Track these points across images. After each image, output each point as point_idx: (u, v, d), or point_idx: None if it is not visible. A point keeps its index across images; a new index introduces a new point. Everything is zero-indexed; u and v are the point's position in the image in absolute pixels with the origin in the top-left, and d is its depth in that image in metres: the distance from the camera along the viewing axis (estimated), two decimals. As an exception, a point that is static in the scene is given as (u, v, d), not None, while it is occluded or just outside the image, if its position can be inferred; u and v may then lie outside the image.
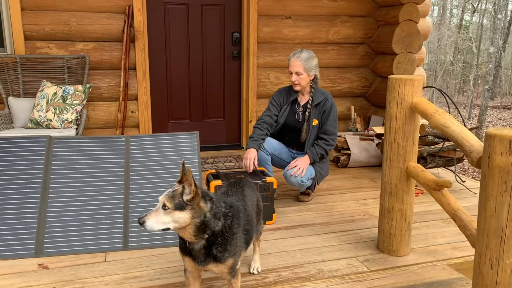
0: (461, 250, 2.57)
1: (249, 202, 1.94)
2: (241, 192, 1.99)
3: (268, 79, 4.81)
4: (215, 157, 4.51)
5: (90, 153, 2.81)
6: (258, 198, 2.15)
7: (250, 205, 1.95)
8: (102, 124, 4.40)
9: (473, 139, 1.90)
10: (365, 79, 5.11)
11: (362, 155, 4.22)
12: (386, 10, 4.76)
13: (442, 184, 2.13)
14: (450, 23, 20.19)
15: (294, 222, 2.96)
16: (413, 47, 4.61)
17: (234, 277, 1.83)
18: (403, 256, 2.49)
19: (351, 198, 3.44)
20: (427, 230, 2.86)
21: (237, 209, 1.79)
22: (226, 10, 4.66)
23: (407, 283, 2.21)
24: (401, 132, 2.35)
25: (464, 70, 18.72)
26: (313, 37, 4.84)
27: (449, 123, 2.03)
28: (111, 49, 4.29)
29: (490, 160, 1.70)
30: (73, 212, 2.61)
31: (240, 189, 2.02)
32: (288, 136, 3.29)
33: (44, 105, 3.65)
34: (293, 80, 3.08)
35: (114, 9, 4.21)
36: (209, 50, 4.70)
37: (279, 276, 2.26)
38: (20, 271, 2.29)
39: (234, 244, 1.74)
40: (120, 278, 2.24)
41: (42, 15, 4.06)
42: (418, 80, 2.30)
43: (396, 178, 2.41)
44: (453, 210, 2.08)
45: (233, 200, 1.83)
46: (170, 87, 4.68)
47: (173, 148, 2.90)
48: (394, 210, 2.45)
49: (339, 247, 2.61)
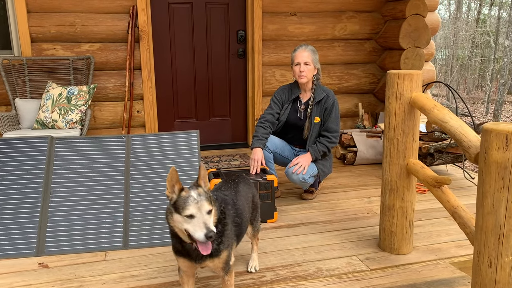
0: (465, 248, 2.51)
1: (242, 198, 1.93)
2: (234, 187, 1.99)
3: (274, 77, 4.78)
4: (221, 156, 4.51)
5: (91, 152, 2.83)
6: (254, 195, 2.13)
7: (243, 201, 1.94)
8: (109, 124, 4.43)
9: (471, 134, 1.84)
10: (372, 75, 5.04)
11: (369, 152, 4.16)
12: (393, 5, 4.68)
13: (441, 181, 2.08)
14: (468, 17, 19.82)
15: (296, 220, 2.93)
16: (421, 41, 4.53)
17: (228, 274, 1.83)
18: (405, 255, 2.45)
19: (356, 196, 3.39)
20: (432, 228, 2.80)
21: (225, 201, 1.79)
22: (231, 8, 4.64)
23: (407, 282, 2.17)
24: (400, 128, 2.30)
25: (482, 64, 18.35)
26: (319, 34, 4.79)
27: (447, 118, 1.97)
28: (116, 50, 4.31)
29: (487, 155, 1.64)
30: (74, 211, 2.63)
31: (235, 185, 2.02)
32: (291, 134, 3.26)
33: (49, 106, 3.69)
34: (301, 70, 3.04)
35: (118, 9, 4.24)
36: (214, 49, 4.70)
37: (276, 275, 2.24)
38: (20, 270, 2.32)
39: (226, 235, 1.75)
40: (118, 277, 2.25)
41: (47, 17, 4.11)
42: (417, 74, 2.25)
43: (396, 175, 2.36)
44: (452, 208, 2.03)
45: (220, 194, 1.83)
46: (176, 86, 4.69)
47: (174, 147, 2.90)
48: (394, 208, 2.40)
49: (340, 245, 2.57)
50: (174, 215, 1.60)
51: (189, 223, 1.56)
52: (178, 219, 1.59)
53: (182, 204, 1.57)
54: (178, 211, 1.58)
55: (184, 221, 1.57)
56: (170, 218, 1.63)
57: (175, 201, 1.60)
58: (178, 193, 1.61)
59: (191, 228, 1.55)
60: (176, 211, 1.58)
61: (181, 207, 1.57)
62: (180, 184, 1.61)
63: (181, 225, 1.59)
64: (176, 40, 4.58)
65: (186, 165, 2.83)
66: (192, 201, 1.57)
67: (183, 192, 1.60)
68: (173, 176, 1.59)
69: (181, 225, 1.59)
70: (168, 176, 1.59)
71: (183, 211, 1.56)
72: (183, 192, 1.60)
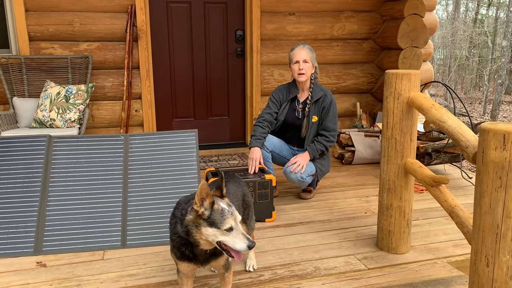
0: (462, 248, 2.52)
1: (230, 196, 1.94)
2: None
3: (272, 76, 4.79)
4: (219, 155, 4.51)
5: (89, 152, 2.83)
6: (244, 193, 2.13)
7: (233, 199, 1.95)
8: (107, 123, 4.43)
9: (469, 134, 1.85)
10: (371, 75, 5.05)
11: (367, 152, 4.17)
12: (391, 5, 4.69)
13: (439, 180, 2.08)
14: (466, 17, 19.86)
15: (294, 220, 2.94)
16: (419, 41, 4.54)
17: (228, 271, 1.85)
18: (403, 254, 2.45)
19: (354, 195, 3.40)
20: (429, 227, 2.81)
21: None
22: (229, 7, 4.64)
23: (404, 281, 2.17)
24: (398, 128, 2.31)
25: (480, 64, 18.40)
26: (317, 33, 4.79)
27: (445, 118, 1.98)
28: (114, 49, 4.31)
29: (485, 155, 1.65)
30: (72, 211, 2.63)
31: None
32: (289, 133, 3.26)
33: (47, 105, 3.69)
34: (300, 68, 3.04)
35: (116, 8, 4.23)
36: (212, 48, 4.70)
37: (274, 274, 2.24)
38: (18, 269, 2.32)
39: None
40: (116, 276, 2.25)
41: (46, 16, 4.10)
42: (415, 74, 2.25)
43: (394, 175, 2.37)
44: (450, 207, 2.04)
45: None
46: (174, 85, 4.69)
47: (172, 146, 2.90)
48: (392, 207, 2.41)
49: (338, 244, 2.58)
50: (206, 229, 1.59)
51: (227, 236, 1.57)
52: (213, 232, 1.58)
53: (219, 218, 1.57)
54: (215, 226, 1.57)
55: (221, 234, 1.57)
56: (196, 232, 1.61)
57: (209, 216, 1.58)
58: (210, 207, 1.59)
59: (230, 240, 1.57)
60: (212, 225, 1.58)
61: (218, 221, 1.57)
62: (211, 198, 1.59)
63: (216, 238, 1.59)
64: (175, 39, 4.57)
65: (184, 164, 2.83)
66: (228, 214, 1.58)
67: (215, 205, 1.60)
68: (203, 190, 1.57)
69: (215, 237, 1.59)
70: (198, 190, 1.57)
71: (222, 225, 1.56)
72: (215, 206, 1.59)
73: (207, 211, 1.59)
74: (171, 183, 2.77)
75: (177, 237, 1.70)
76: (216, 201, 1.61)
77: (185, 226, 1.64)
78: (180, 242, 1.70)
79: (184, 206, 1.69)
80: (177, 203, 1.77)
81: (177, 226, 1.68)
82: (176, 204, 1.77)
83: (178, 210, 1.72)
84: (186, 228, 1.63)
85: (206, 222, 1.59)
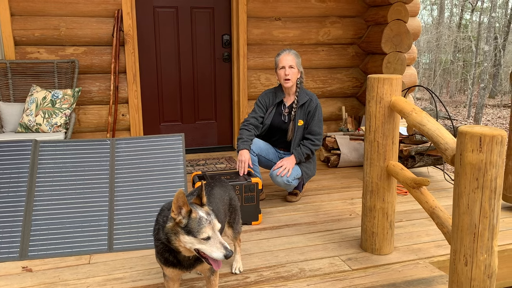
0: (444, 248, 2.58)
1: (216, 200, 1.97)
2: (209, 191, 2.02)
3: (259, 81, 4.83)
4: (206, 159, 4.53)
5: (75, 156, 2.83)
6: (231, 197, 2.16)
7: (218, 203, 1.97)
8: (94, 127, 4.42)
9: (448, 136, 1.91)
10: (355, 79, 5.12)
11: (352, 155, 4.23)
12: (376, 10, 4.77)
13: (420, 182, 2.14)
14: (450, 22, 20.19)
15: (280, 222, 2.97)
16: (403, 46, 4.62)
17: (214, 274, 1.88)
18: (386, 255, 2.50)
19: (339, 197, 3.44)
20: (412, 228, 2.86)
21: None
22: (216, 12, 4.68)
23: (387, 281, 2.22)
24: (380, 131, 2.36)
25: (464, 69, 18.70)
26: (303, 38, 4.85)
27: (425, 121, 2.04)
28: (101, 53, 4.31)
29: (462, 157, 1.71)
30: (58, 215, 2.63)
31: (209, 188, 2.05)
32: (275, 137, 3.30)
33: (33, 110, 3.68)
34: (286, 73, 3.08)
35: (103, 13, 4.24)
36: (199, 53, 4.72)
37: (260, 276, 2.27)
38: (3, 274, 2.31)
39: None
40: (102, 279, 2.26)
41: (31, 20, 4.09)
42: (396, 79, 2.31)
43: (376, 177, 2.42)
44: (431, 208, 2.09)
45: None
46: (161, 89, 4.70)
47: (159, 150, 2.92)
48: (375, 209, 2.46)
49: (323, 246, 2.62)
50: (184, 236, 1.59)
51: (204, 244, 1.57)
52: (190, 240, 1.58)
53: (196, 227, 1.57)
54: (192, 234, 1.57)
55: (198, 243, 1.58)
56: (175, 239, 1.62)
57: (186, 224, 1.58)
58: (187, 215, 1.60)
59: (208, 248, 1.57)
60: (189, 233, 1.58)
61: (195, 230, 1.57)
62: (188, 206, 1.59)
63: (193, 246, 1.59)
64: (162, 44, 4.59)
65: (171, 168, 2.85)
66: (205, 223, 1.58)
67: (193, 213, 1.60)
68: (179, 199, 1.57)
69: (192, 245, 1.59)
70: (174, 198, 1.57)
71: (199, 234, 1.57)
72: (193, 214, 1.59)
73: (185, 219, 1.59)
74: (157, 187, 2.78)
75: (160, 243, 1.71)
76: (194, 210, 1.61)
77: (165, 234, 1.65)
78: (163, 248, 1.71)
79: (167, 213, 1.70)
80: (161, 209, 1.77)
81: (159, 232, 1.69)
82: (160, 210, 1.77)
83: (161, 216, 1.73)
84: (166, 235, 1.65)
85: (183, 230, 1.59)
